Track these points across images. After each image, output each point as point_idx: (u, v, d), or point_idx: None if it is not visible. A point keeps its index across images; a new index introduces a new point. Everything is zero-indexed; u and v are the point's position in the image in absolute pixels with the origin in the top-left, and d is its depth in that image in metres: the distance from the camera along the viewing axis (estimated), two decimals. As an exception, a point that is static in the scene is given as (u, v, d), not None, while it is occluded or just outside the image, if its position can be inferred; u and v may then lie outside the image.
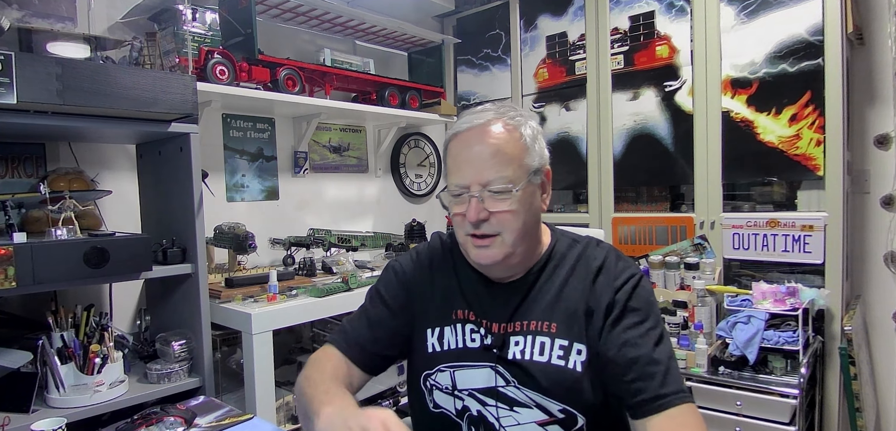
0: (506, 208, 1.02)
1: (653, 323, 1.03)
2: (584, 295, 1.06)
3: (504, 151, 1.03)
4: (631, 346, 1.00)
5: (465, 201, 1.04)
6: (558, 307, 1.07)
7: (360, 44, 2.91)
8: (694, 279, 2.26)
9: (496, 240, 1.04)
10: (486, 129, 1.04)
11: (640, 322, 1.02)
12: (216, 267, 2.21)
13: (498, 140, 1.03)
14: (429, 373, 1.13)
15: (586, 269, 1.09)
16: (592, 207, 2.77)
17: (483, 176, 1.02)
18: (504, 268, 1.09)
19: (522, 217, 1.04)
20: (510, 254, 1.05)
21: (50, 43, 1.58)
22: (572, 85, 2.83)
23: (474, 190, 1.02)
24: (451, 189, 1.07)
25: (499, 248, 1.04)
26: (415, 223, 2.79)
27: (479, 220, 1.02)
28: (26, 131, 1.70)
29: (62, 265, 1.41)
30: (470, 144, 1.05)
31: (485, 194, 1.02)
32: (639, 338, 1.00)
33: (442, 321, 1.14)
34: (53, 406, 1.46)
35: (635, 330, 1.01)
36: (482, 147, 1.03)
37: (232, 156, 2.43)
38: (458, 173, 1.05)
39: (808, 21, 2.15)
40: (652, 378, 0.96)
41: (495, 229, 1.03)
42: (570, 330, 1.04)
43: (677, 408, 0.94)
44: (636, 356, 0.98)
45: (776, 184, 2.39)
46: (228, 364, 2.08)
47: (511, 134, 1.04)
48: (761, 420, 1.85)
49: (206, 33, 2.12)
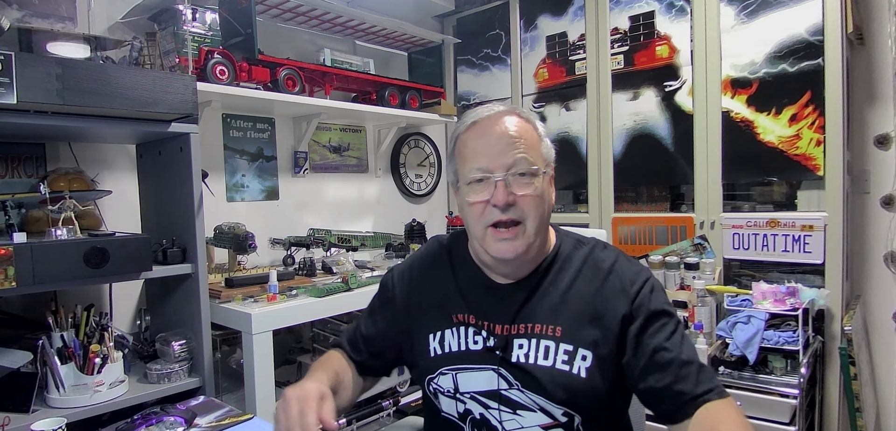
0: (530, 193, 1.02)
1: (675, 324, 1.03)
2: (593, 298, 1.05)
3: (524, 136, 1.04)
4: (662, 351, 1.00)
5: (487, 188, 1.03)
6: (563, 309, 1.05)
7: (360, 44, 2.91)
8: (694, 279, 2.26)
9: (519, 230, 1.03)
10: (502, 117, 1.06)
11: (665, 325, 1.02)
12: (216, 267, 2.21)
13: (518, 127, 1.05)
14: (431, 377, 1.12)
15: (594, 271, 1.07)
16: (592, 207, 2.77)
17: (506, 158, 1.02)
18: (517, 264, 1.07)
19: (544, 206, 1.04)
20: (531, 245, 1.04)
21: (50, 43, 1.57)
22: (572, 85, 2.83)
23: (498, 174, 1.02)
24: (470, 176, 1.05)
25: (522, 240, 1.03)
26: (415, 223, 2.79)
27: (507, 203, 1.01)
28: (26, 131, 1.70)
29: (62, 265, 1.41)
30: (489, 131, 1.05)
31: (509, 177, 1.02)
32: (666, 341, 1.00)
33: (442, 325, 1.13)
34: (53, 406, 1.46)
35: (662, 334, 1.01)
36: (503, 132, 1.04)
37: (232, 156, 2.43)
38: (478, 159, 1.04)
39: (807, 21, 2.15)
40: (687, 380, 0.97)
41: (521, 215, 1.02)
42: (575, 334, 1.03)
43: (714, 403, 0.95)
44: (669, 359, 0.99)
45: (776, 184, 2.39)
46: (228, 364, 2.08)
47: (526, 124, 1.07)
48: (761, 420, 1.85)
49: (206, 33, 2.12)
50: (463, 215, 1.11)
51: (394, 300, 1.22)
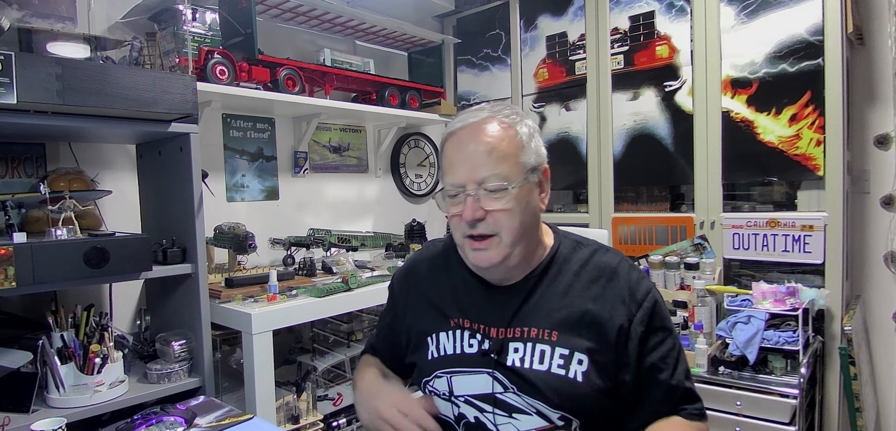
0: (502, 207, 1.01)
1: (673, 341, 1.05)
2: (592, 303, 1.04)
3: (498, 148, 1.02)
4: (656, 370, 1.02)
5: (461, 201, 1.03)
6: (560, 313, 1.04)
7: (360, 44, 2.91)
8: (694, 279, 2.26)
9: (493, 241, 1.02)
10: (480, 127, 1.04)
11: (662, 342, 1.04)
12: (216, 267, 2.21)
13: (492, 138, 1.02)
14: (427, 380, 1.13)
15: (594, 276, 1.07)
16: (592, 207, 2.77)
17: (478, 174, 1.01)
18: (503, 270, 1.06)
19: (519, 216, 1.02)
20: (508, 255, 1.03)
21: (50, 43, 1.57)
22: (572, 85, 2.83)
23: (470, 189, 1.01)
24: (447, 189, 1.06)
25: (496, 249, 1.02)
26: (415, 223, 2.79)
27: (476, 219, 1.01)
28: (26, 131, 1.70)
29: (62, 265, 1.41)
30: (465, 143, 1.03)
31: (480, 192, 1.01)
32: (661, 361, 1.03)
33: (438, 327, 1.13)
34: (53, 406, 1.46)
35: (658, 352, 1.03)
36: (477, 145, 1.02)
37: (232, 156, 2.43)
38: (453, 172, 1.04)
39: (808, 21, 2.15)
40: (668, 402, 1.02)
41: (492, 229, 1.02)
42: (571, 338, 1.02)
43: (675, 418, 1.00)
44: (661, 380, 1.02)
45: (776, 184, 2.39)
46: (228, 364, 2.08)
47: (506, 132, 1.03)
48: (761, 420, 1.85)
49: (206, 33, 2.12)
50: None
51: (396, 304, 1.24)
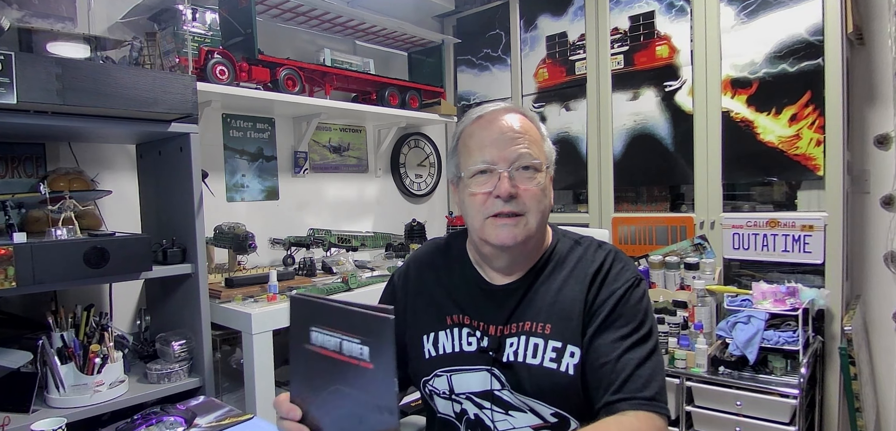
0: (534, 187, 1.04)
1: (633, 330, 1.01)
2: (582, 297, 1.05)
3: (529, 132, 1.07)
4: (603, 353, 0.99)
5: (491, 180, 1.04)
6: (554, 308, 1.06)
7: (360, 44, 2.91)
8: (694, 279, 2.26)
9: (521, 220, 1.04)
10: (508, 113, 1.08)
11: (623, 327, 1.01)
12: (216, 267, 2.21)
13: (522, 123, 1.07)
14: (426, 379, 1.13)
15: (585, 271, 1.08)
16: (592, 207, 2.77)
17: (512, 152, 1.04)
18: (517, 256, 1.08)
19: (546, 200, 1.06)
20: (530, 236, 1.05)
21: (50, 43, 1.58)
22: (572, 85, 2.83)
23: (502, 166, 1.03)
24: (474, 168, 1.06)
25: (523, 228, 1.04)
26: (415, 223, 2.79)
27: (510, 195, 1.02)
28: (26, 131, 1.70)
29: (62, 265, 1.41)
30: (495, 124, 1.07)
31: (513, 170, 1.03)
32: (613, 344, 1.00)
33: (436, 327, 1.13)
34: (53, 406, 1.46)
35: (613, 333, 1.01)
36: (508, 127, 1.06)
37: (232, 156, 2.43)
38: (482, 151, 1.05)
39: (807, 21, 2.15)
40: (611, 385, 0.97)
41: (523, 208, 1.03)
42: (564, 332, 1.03)
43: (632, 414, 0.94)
44: (606, 361, 0.98)
45: (776, 184, 2.39)
46: (228, 364, 2.08)
47: (530, 122, 1.09)
48: (761, 420, 1.85)
49: (206, 33, 2.12)
50: (463, 208, 1.11)
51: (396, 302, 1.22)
